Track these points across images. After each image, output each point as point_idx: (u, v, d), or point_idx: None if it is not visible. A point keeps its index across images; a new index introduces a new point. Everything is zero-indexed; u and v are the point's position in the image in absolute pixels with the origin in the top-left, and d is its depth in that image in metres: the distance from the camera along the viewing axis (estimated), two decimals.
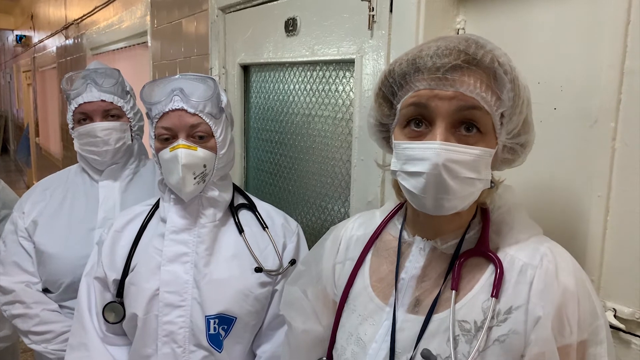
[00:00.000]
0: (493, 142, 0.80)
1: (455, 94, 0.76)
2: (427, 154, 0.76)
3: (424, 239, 0.89)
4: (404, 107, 0.81)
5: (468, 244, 0.86)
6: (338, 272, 1.01)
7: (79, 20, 4.76)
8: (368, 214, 1.07)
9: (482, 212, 0.89)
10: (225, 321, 1.26)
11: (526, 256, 0.80)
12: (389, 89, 0.84)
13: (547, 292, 0.75)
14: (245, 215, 1.39)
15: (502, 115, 0.79)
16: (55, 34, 5.92)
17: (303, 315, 1.06)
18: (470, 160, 0.77)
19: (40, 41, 7.22)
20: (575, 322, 0.75)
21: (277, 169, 1.94)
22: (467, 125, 0.78)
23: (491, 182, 0.83)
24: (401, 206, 0.99)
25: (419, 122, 0.80)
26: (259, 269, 1.30)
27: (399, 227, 0.95)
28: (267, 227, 1.37)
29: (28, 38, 8.56)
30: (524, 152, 0.85)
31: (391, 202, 1.02)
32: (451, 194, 0.77)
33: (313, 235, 1.76)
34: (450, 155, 0.75)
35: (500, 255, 0.82)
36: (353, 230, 1.04)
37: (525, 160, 0.87)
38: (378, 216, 1.02)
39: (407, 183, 0.80)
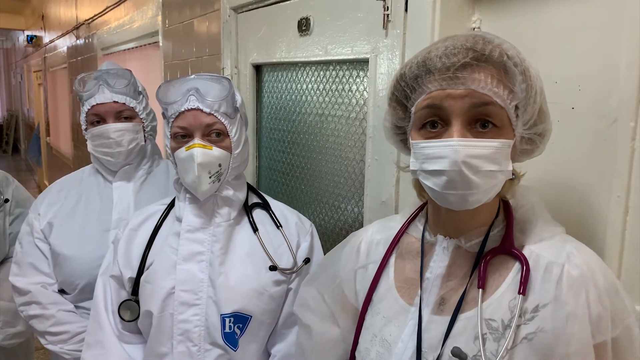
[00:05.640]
0: (510, 134, 0.80)
1: (467, 92, 0.77)
2: (445, 151, 0.77)
3: (447, 237, 0.90)
4: (419, 110, 0.82)
5: (492, 242, 0.86)
6: (360, 277, 1.01)
7: (90, 20, 4.79)
8: (388, 219, 1.08)
9: (505, 209, 0.89)
10: (240, 320, 1.27)
11: (551, 254, 0.80)
12: (402, 93, 0.85)
13: (579, 290, 0.75)
14: (259, 215, 1.40)
15: (516, 108, 0.79)
16: (66, 34, 5.95)
17: (320, 317, 1.07)
18: (490, 153, 0.77)
19: (51, 41, 7.26)
20: (609, 318, 0.75)
21: (289, 168, 1.94)
22: (482, 121, 0.78)
23: (512, 173, 0.83)
24: (422, 207, 0.99)
25: (435, 123, 0.81)
26: (273, 268, 1.30)
27: (421, 228, 0.96)
28: (281, 226, 1.38)
29: (39, 38, 8.62)
30: (542, 142, 0.85)
31: (411, 206, 1.02)
32: (474, 188, 0.77)
33: (326, 234, 1.76)
34: (469, 150, 0.76)
35: (525, 253, 0.82)
36: (374, 235, 1.04)
37: (544, 150, 0.87)
38: (398, 220, 1.03)
39: (429, 181, 0.80)
